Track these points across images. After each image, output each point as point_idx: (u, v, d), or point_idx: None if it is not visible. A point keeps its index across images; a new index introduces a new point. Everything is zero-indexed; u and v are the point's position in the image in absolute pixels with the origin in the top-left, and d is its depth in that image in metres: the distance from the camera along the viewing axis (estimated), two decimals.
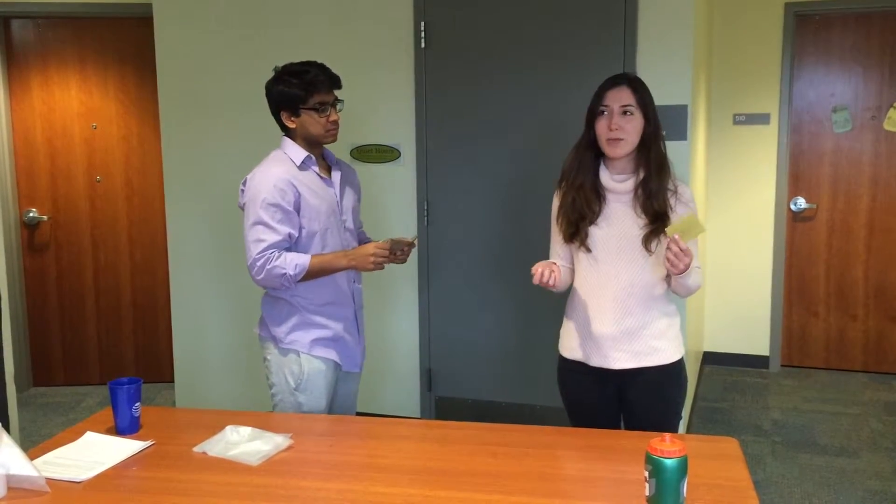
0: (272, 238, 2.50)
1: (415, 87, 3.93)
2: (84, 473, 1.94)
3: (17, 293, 4.90)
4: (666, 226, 2.30)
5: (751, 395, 4.92)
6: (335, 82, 2.66)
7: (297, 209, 2.55)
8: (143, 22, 4.53)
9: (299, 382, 2.63)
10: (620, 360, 2.40)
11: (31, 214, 4.93)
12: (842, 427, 4.38)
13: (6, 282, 3.11)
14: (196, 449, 2.09)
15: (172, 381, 4.50)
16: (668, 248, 2.20)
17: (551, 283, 2.30)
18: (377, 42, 3.98)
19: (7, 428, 2.32)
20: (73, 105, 4.90)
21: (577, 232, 2.42)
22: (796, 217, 5.32)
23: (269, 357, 2.69)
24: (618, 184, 2.39)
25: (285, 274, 2.50)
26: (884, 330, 5.24)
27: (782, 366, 5.44)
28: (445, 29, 3.86)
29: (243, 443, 2.10)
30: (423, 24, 3.87)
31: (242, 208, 2.60)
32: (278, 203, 2.50)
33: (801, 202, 5.28)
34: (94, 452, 2.07)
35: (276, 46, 4.03)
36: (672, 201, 2.36)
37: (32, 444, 2.74)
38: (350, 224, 2.74)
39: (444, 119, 3.91)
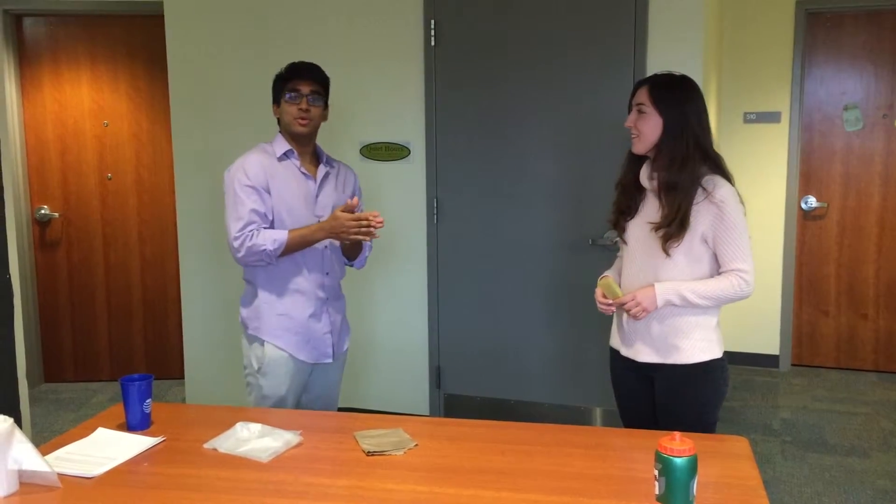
0: (249, 216, 2.62)
1: (424, 85, 3.94)
2: (95, 469, 1.95)
3: (28, 290, 4.93)
4: (685, 229, 2.35)
5: (761, 395, 4.91)
6: (312, 74, 2.75)
7: (269, 193, 2.67)
8: (153, 19, 4.55)
9: (261, 366, 2.73)
10: (643, 353, 2.47)
11: (42, 211, 4.96)
12: (852, 426, 4.37)
13: (18, 278, 3.12)
14: (206, 445, 2.10)
15: (182, 378, 4.52)
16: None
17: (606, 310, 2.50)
18: (387, 40, 3.98)
19: (19, 423, 2.33)
20: (84, 102, 4.92)
21: (617, 224, 2.56)
22: (807, 215, 5.30)
23: (243, 339, 2.82)
24: (648, 180, 2.46)
25: (265, 250, 2.60)
26: (895, 329, 5.21)
27: (792, 365, 5.42)
28: (455, 27, 3.86)
29: (253, 439, 2.11)
30: (432, 22, 3.87)
31: None
32: (251, 184, 2.64)
33: (812, 201, 5.26)
34: (105, 448, 2.08)
35: (286, 44, 4.04)
36: (702, 202, 2.35)
37: (44, 440, 2.76)
38: None
39: (453, 117, 3.91)
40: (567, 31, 3.70)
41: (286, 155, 2.73)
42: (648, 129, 2.40)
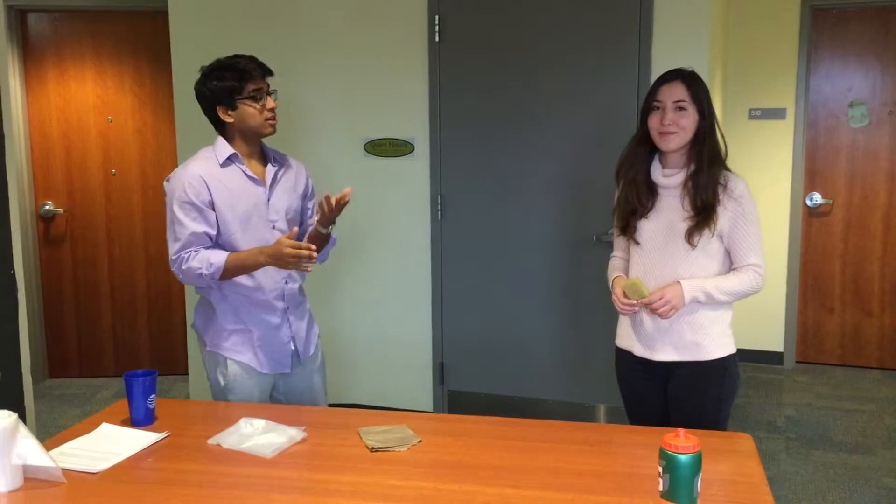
0: (187, 236, 2.45)
1: (429, 81, 3.93)
2: (100, 464, 1.95)
3: (33, 285, 4.93)
4: (713, 220, 2.34)
5: (765, 392, 4.90)
6: (266, 70, 2.56)
7: (213, 207, 2.48)
8: (158, 15, 4.55)
9: (227, 383, 2.60)
10: (662, 352, 2.45)
11: (46, 207, 4.96)
12: (857, 424, 4.36)
13: (23, 274, 3.12)
14: (210, 441, 2.10)
15: (187, 374, 4.52)
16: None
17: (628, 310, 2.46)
18: (391, 36, 3.98)
19: (23, 419, 2.33)
20: (88, 98, 4.92)
21: (627, 225, 2.49)
22: (812, 212, 5.28)
23: (202, 353, 2.67)
24: (666, 178, 2.43)
25: (201, 273, 2.44)
26: None
27: (797, 362, 5.42)
28: (459, 23, 3.85)
29: (257, 435, 2.11)
30: (437, 17, 3.87)
31: None
32: (191, 200, 2.44)
33: (817, 197, 5.24)
34: (109, 444, 2.08)
35: (291, 40, 4.04)
36: (722, 196, 2.36)
37: (48, 436, 2.76)
38: (282, 224, 2.61)
39: (457, 113, 3.91)
40: (572, 27, 3.69)
41: (230, 160, 2.52)
42: (689, 125, 2.37)
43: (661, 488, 1.69)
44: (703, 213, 2.35)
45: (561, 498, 1.78)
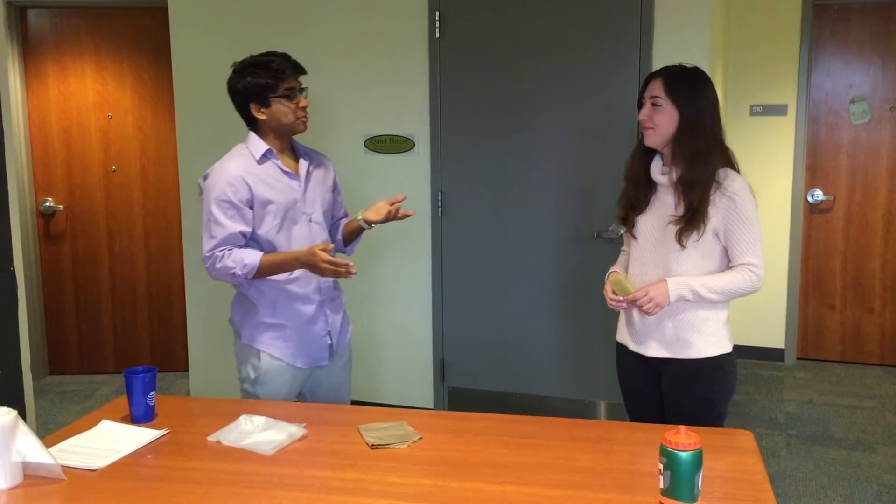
0: (223, 235, 2.48)
1: (429, 77, 3.92)
2: (99, 461, 1.95)
3: (33, 282, 4.93)
4: (701, 221, 2.34)
5: (766, 388, 4.90)
6: (299, 69, 2.60)
7: (251, 205, 2.52)
8: (158, 12, 4.54)
9: (258, 376, 2.62)
10: (652, 347, 2.46)
11: (47, 204, 4.96)
12: (857, 420, 4.35)
13: (23, 271, 3.12)
14: (210, 438, 2.10)
15: (187, 371, 4.53)
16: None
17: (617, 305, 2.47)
18: (392, 32, 3.97)
19: (23, 416, 2.33)
20: (88, 95, 4.91)
21: (626, 219, 2.52)
22: (813, 209, 5.28)
23: (236, 346, 2.70)
24: (662, 175, 2.43)
25: (235, 273, 2.48)
26: None
27: (798, 358, 5.41)
28: (460, 19, 3.85)
29: (257, 432, 2.11)
30: (437, 13, 3.86)
31: None
32: (230, 199, 2.48)
33: (819, 194, 5.24)
34: (109, 440, 2.08)
35: (291, 36, 4.03)
36: (715, 194, 2.34)
37: (48, 432, 2.76)
38: (318, 217, 2.67)
39: (458, 109, 3.90)
40: (573, 23, 3.68)
41: (265, 156, 2.57)
42: (664, 122, 2.37)
43: (661, 485, 1.69)
44: (689, 213, 2.34)
45: (561, 495, 1.78)
